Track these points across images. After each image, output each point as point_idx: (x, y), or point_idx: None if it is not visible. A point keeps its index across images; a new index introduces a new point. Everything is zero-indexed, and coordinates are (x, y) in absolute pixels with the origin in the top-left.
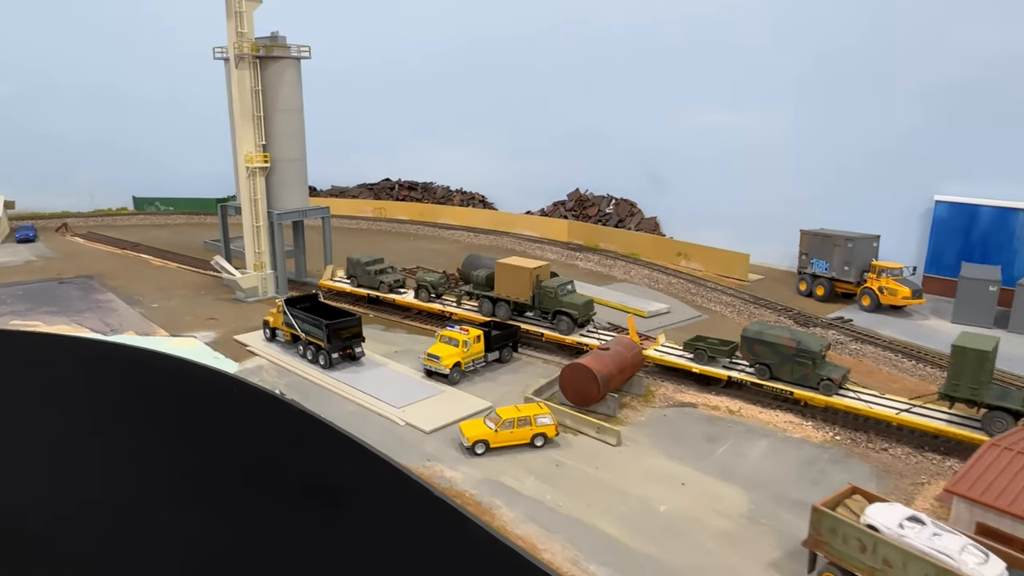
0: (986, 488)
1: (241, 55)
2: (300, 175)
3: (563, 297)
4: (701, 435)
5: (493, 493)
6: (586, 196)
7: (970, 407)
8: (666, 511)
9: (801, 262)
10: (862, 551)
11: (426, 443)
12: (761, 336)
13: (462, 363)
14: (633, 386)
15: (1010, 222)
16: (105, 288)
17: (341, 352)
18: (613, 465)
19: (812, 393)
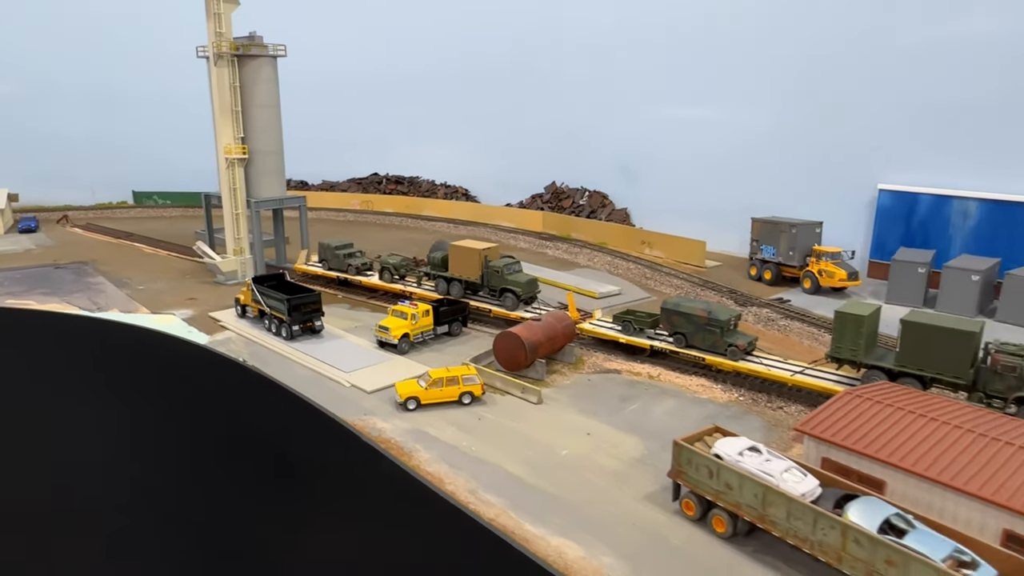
0: (830, 428)
1: (220, 54)
2: (277, 166)
3: (508, 276)
4: (617, 396)
5: (415, 440)
6: (562, 189)
7: (853, 368)
8: (566, 455)
9: (752, 248)
10: (710, 477)
11: (366, 401)
12: (678, 308)
13: (411, 334)
14: (565, 355)
15: (945, 209)
16: (97, 273)
17: (302, 325)
18: (530, 419)
19: (720, 359)
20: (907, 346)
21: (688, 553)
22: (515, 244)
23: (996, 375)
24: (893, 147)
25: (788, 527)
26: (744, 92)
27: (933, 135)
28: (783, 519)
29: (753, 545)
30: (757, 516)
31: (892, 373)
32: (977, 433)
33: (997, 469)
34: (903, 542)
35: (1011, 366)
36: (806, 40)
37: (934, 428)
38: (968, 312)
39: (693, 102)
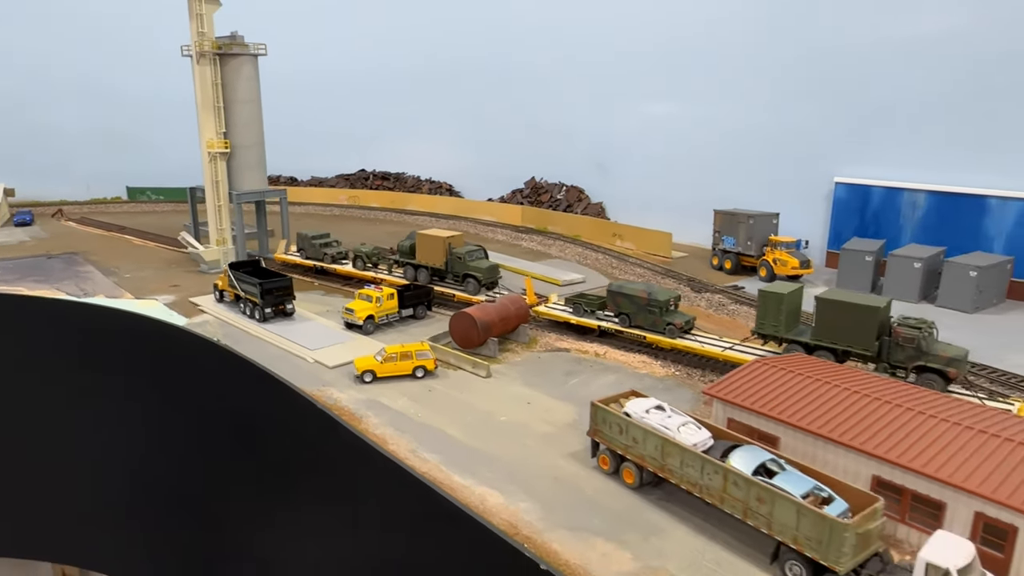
0: (734, 391)
1: (202, 52)
2: (258, 160)
3: (471, 262)
4: (562, 371)
5: (367, 408)
6: (541, 184)
7: (776, 343)
8: (505, 420)
9: (714, 239)
10: (620, 433)
11: (326, 374)
12: (622, 289)
13: (376, 316)
14: (519, 335)
15: (896, 201)
16: (87, 262)
17: (274, 308)
18: (477, 391)
19: (660, 337)
20: (821, 322)
21: (598, 500)
22: (493, 236)
23: (898, 346)
24: (849, 142)
25: (682, 474)
26: (712, 89)
27: (886, 130)
28: (678, 467)
29: (657, 495)
30: (658, 466)
31: (809, 347)
32: (861, 394)
33: (871, 424)
34: (772, 482)
35: (910, 338)
36: (770, 40)
37: (825, 391)
38: (911, 298)
39: (664, 99)
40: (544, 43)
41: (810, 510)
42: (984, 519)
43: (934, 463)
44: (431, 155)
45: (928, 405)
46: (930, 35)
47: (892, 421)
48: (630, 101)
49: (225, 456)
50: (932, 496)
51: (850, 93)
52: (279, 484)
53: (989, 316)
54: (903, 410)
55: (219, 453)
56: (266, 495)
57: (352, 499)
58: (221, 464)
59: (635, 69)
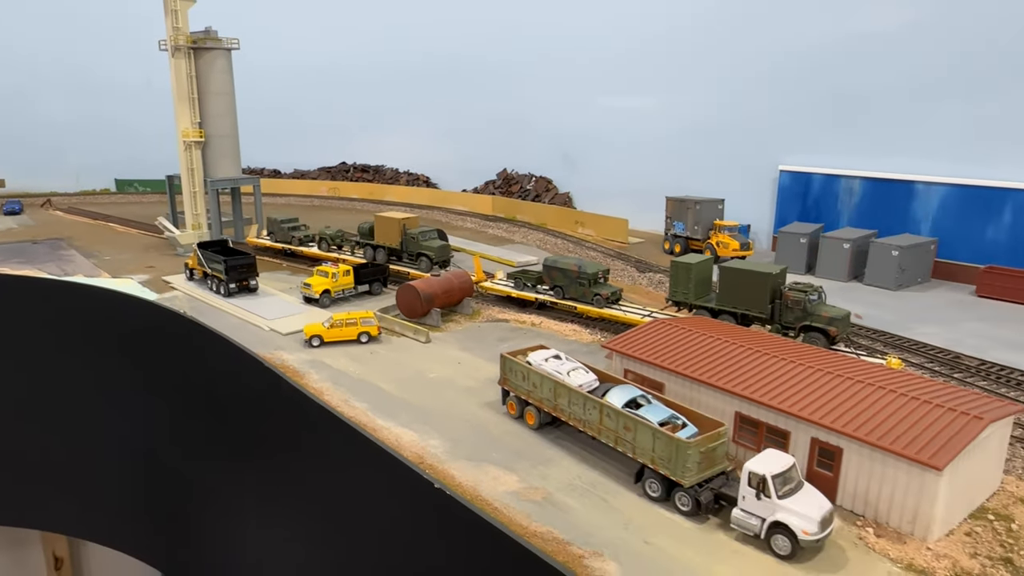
0: (629, 345)
1: (177, 46)
2: (232, 149)
3: (424, 242)
4: (497, 338)
5: (311, 367)
6: (512, 175)
7: (687, 309)
8: (433, 377)
9: (666, 225)
10: (523, 380)
11: (279, 340)
12: (555, 264)
13: (332, 291)
14: (464, 307)
15: (834, 187)
16: (70, 247)
17: (238, 284)
18: (415, 354)
19: (588, 307)
20: (723, 288)
21: (500, 439)
22: (462, 224)
23: (787, 308)
24: (792, 132)
25: (570, 412)
26: (670, 83)
27: (825, 121)
28: (567, 406)
29: (555, 435)
30: (551, 406)
31: (714, 311)
32: (738, 346)
33: (739, 370)
34: (636, 413)
35: (797, 300)
36: (723, 37)
37: (708, 344)
38: (841, 276)
39: (625, 94)
40: (515, 40)
41: (663, 433)
42: (818, 443)
43: (782, 399)
44: (409, 148)
45: (796, 355)
46: (866, 33)
47: (758, 367)
48: (594, 95)
49: (188, 415)
50: (779, 426)
51: (794, 86)
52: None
53: (910, 293)
54: (770, 358)
55: (182, 412)
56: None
57: (293, 447)
58: (185, 422)
59: (599, 65)
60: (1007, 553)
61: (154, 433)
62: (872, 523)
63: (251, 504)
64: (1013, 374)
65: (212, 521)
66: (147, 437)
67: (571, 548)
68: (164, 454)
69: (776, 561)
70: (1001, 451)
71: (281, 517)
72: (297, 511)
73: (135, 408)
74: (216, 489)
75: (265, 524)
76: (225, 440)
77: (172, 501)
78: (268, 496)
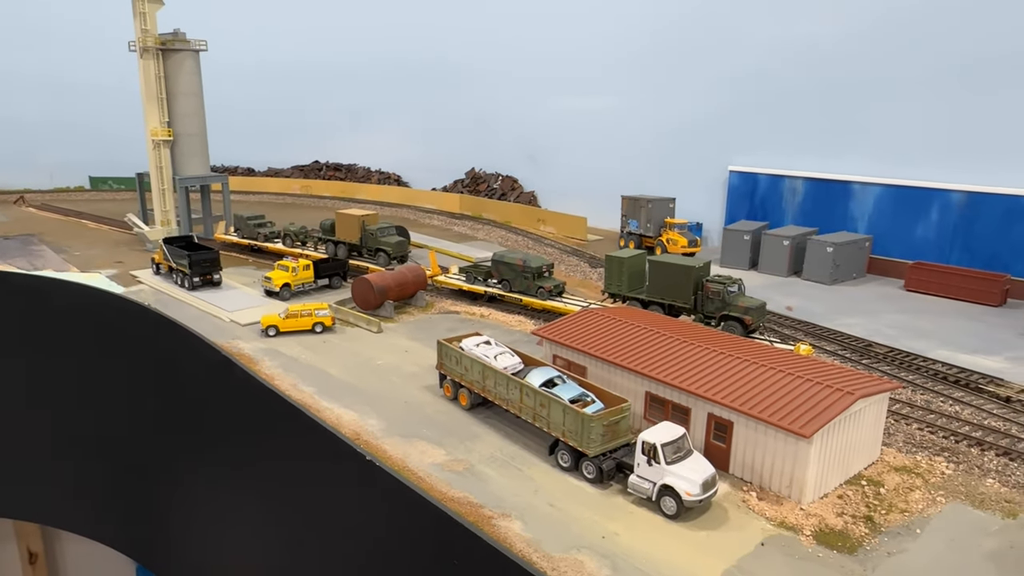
0: (557, 332)
1: (145, 47)
2: (201, 147)
3: (382, 238)
4: (447, 328)
5: (265, 355)
6: (480, 174)
7: (621, 300)
8: (380, 364)
9: (622, 223)
10: (456, 364)
11: (237, 331)
12: (503, 258)
13: (292, 284)
14: (417, 300)
15: (779, 187)
16: (42, 243)
17: (202, 277)
18: (366, 343)
19: (532, 299)
20: (652, 281)
21: (434, 418)
22: (429, 222)
23: (708, 299)
24: (741, 133)
25: (496, 392)
26: (631, 86)
27: (771, 123)
28: (493, 386)
29: (485, 414)
30: (480, 388)
31: (644, 302)
32: (655, 332)
33: (653, 354)
34: (551, 391)
35: (717, 291)
36: (678, 40)
37: (629, 331)
38: (781, 272)
39: (587, 95)
40: (485, 41)
41: (572, 409)
42: (714, 419)
43: (684, 379)
44: (381, 148)
45: (708, 341)
46: (809, 38)
47: (669, 352)
48: (558, 97)
49: (151, 401)
50: (682, 404)
51: (744, 89)
52: (190, 420)
53: (844, 287)
54: (682, 343)
55: (146, 399)
56: (183, 433)
57: (245, 427)
58: (148, 408)
59: (562, 67)
60: (870, 512)
61: (119, 420)
62: (756, 488)
63: (208, 481)
64: (916, 360)
65: (173, 499)
66: (113, 425)
67: (483, 510)
68: (130, 440)
69: (664, 520)
70: (879, 424)
71: (238, 490)
72: (251, 486)
73: (102, 397)
74: (175, 469)
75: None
76: (183, 423)
77: (138, 486)
78: (224, 474)
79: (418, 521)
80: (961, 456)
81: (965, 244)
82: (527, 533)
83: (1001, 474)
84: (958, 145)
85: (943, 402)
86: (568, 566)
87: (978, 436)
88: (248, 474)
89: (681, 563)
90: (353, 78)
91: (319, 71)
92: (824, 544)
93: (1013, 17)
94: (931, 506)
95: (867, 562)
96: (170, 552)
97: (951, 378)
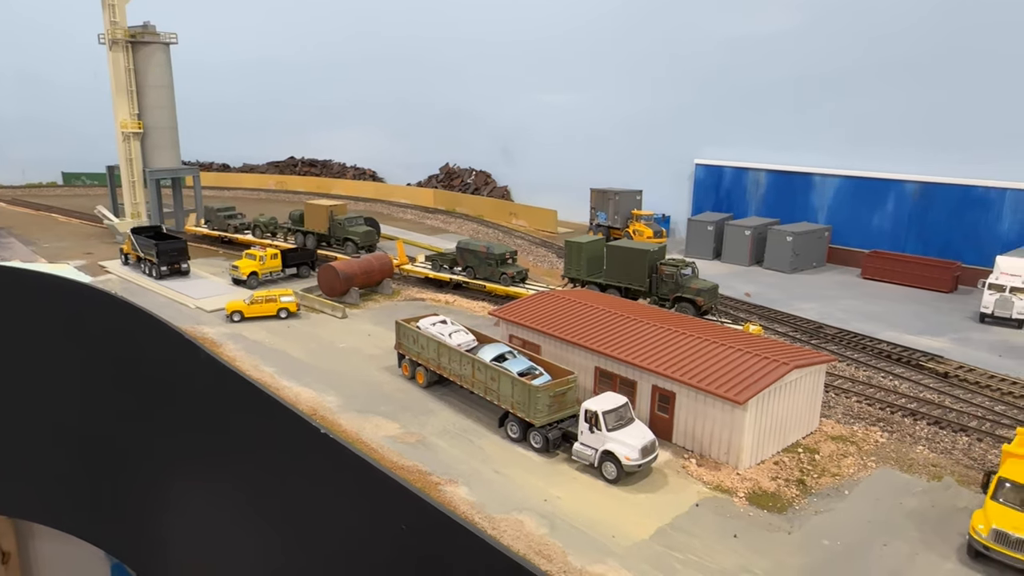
0: (513, 313)
1: (115, 40)
2: (171, 140)
3: (349, 228)
4: (409, 314)
5: (229, 339)
6: (454, 169)
7: (579, 284)
8: (343, 347)
9: (591, 215)
10: (414, 343)
11: (203, 317)
12: (467, 246)
13: (259, 273)
14: (384, 288)
15: (743, 180)
16: (10, 236)
17: (169, 266)
18: (330, 328)
19: (496, 285)
20: (610, 265)
21: (391, 395)
22: (402, 216)
23: (662, 281)
24: (706, 127)
25: (450, 368)
26: (599, 80)
27: (735, 116)
28: (447, 363)
29: (441, 392)
30: (436, 365)
31: (602, 286)
32: (609, 312)
33: (603, 331)
34: (502, 365)
35: (670, 274)
36: (645, 34)
37: (581, 311)
38: (743, 261)
39: (558, 90)
40: (459, 37)
41: (519, 381)
42: (658, 390)
43: (629, 353)
44: (357, 144)
45: (661, 321)
46: (769, 34)
47: (617, 329)
48: (530, 91)
49: (118, 389)
50: (629, 377)
51: (708, 83)
52: (158, 406)
53: (803, 276)
54: (630, 321)
55: (111, 386)
56: (151, 419)
57: (209, 409)
58: (113, 396)
59: (532, 61)
60: (802, 476)
61: (88, 410)
62: (697, 455)
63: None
64: (863, 340)
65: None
66: (81, 414)
67: (430, 477)
68: (98, 429)
69: (605, 485)
70: (816, 396)
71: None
72: (221, 473)
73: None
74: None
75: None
76: (150, 411)
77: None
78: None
79: (367, 489)
80: (895, 426)
81: (919, 233)
82: (471, 497)
83: (931, 441)
84: (912, 137)
85: (884, 377)
86: (508, 525)
87: (912, 407)
88: (213, 457)
89: (617, 523)
90: (327, 74)
91: (293, 67)
92: (756, 505)
93: (965, 11)
94: (862, 471)
95: (794, 520)
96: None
97: (894, 356)
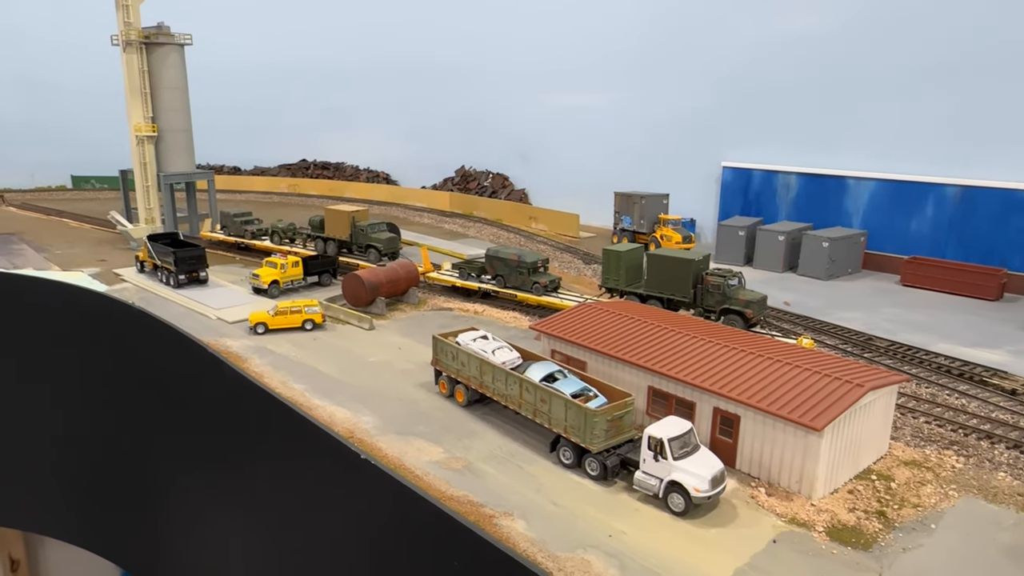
0: (555, 327)
1: (128, 41)
2: (186, 143)
3: (372, 234)
4: (439, 325)
5: (254, 352)
6: (470, 172)
7: (618, 295)
8: (373, 361)
9: (615, 219)
10: (453, 359)
11: (225, 328)
12: (497, 254)
13: (280, 281)
14: (409, 297)
15: (773, 183)
16: (22, 242)
17: (188, 275)
18: (358, 340)
19: (527, 295)
20: (651, 275)
21: (430, 415)
22: (419, 220)
23: (708, 293)
24: (735, 129)
25: (494, 388)
26: (623, 83)
27: (765, 118)
28: (491, 382)
29: (482, 411)
30: (478, 383)
31: (643, 297)
32: (654, 325)
33: (654, 348)
34: (551, 386)
35: (717, 285)
36: (671, 36)
37: (628, 325)
38: (777, 267)
39: (580, 92)
40: (476, 39)
41: (574, 403)
42: (720, 412)
43: (688, 372)
44: (370, 146)
45: (710, 335)
46: (802, 33)
47: (670, 345)
48: (551, 94)
49: (136, 403)
50: (687, 398)
51: (737, 84)
52: (178, 422)
53: (839, 283)
54: (683, 337)
55: (130, 399)
56: (171, 436)
57: (235, 428)
58: (134, 411)
59: (554, 64)
60: (882, 508)
61: (105, 423)
62: (765, 484)
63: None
64: (917, 353)
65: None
66: (98, 427)
67: (483, 509)
68: (113, 442)
69: (671, 518)
70: (887, 418)
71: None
72: (240, 488)
73: (83, 398)
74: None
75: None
76: (171, 426)
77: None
78: (214, 478)
79: (416, 521)
80: (971, 449)
81: (960, 238)
82: (531, 532)
83: (1013, 467)
84: (953, 139)
85: (948, 395)
86: (575, 566)
87: (987, 429)
88: (237, 476)
89: (692, 561)
90: (341, 77)
91: (306, 70)
92: (838, 540)
93: (1005, 8)
94: (944, 500)
95: (883, 558)
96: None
97: (955, 371)
